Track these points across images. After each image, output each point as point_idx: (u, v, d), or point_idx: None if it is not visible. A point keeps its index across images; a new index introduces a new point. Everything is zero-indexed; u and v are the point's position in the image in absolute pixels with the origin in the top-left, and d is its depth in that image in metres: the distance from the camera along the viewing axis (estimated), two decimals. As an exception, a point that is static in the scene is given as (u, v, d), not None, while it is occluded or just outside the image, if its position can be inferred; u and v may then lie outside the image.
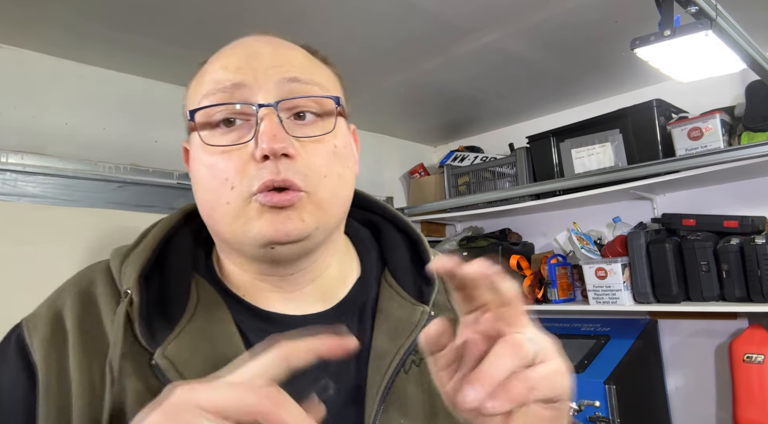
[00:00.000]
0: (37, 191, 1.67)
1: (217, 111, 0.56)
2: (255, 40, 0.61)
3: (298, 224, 0.55)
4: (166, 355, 0.54)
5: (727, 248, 1.73)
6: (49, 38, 1.65)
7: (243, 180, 0.54)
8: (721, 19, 1.14)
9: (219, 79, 0.57)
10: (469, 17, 1.60)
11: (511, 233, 2.60)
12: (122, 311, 0.55)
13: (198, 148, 0.58)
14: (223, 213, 0.56)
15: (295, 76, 0.57)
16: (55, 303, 0.59)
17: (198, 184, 0.59)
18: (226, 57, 0.60)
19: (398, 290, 0.65)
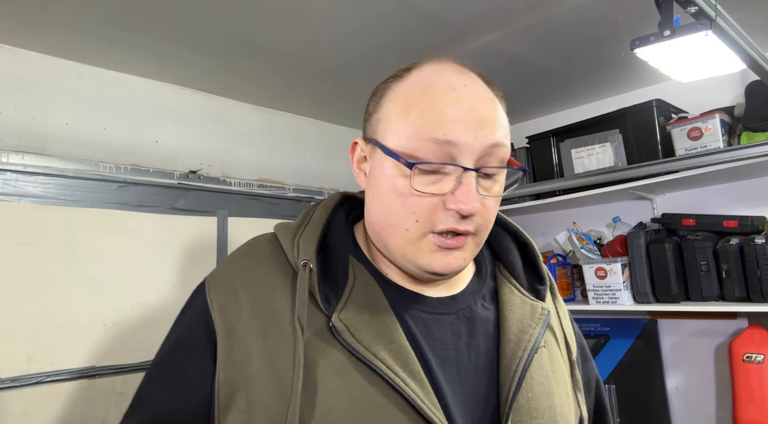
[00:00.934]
0: (37, 191, 1.67)
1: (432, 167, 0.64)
2: (463, 86, 0.66)
3: (461, 262, 0.67)
4: (341, 319, 0.64)
5: (726, 248, 1.74)
6: (49, 38, 1.65)
7: (427, 220, 0.64)
8: (721, 20, 1.14)
9: (434, 129, 0.63)
10: (469, 17, 1.60)
11: (511, 233, 2.60)
12: (305, 279, 0.66)
13: (389, 172, 0.66)
14: (398, 235, 0.67)
15: (497, 141, 0.65)
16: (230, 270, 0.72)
17: (382, 199, 0.68)
18: (441, 103, 0.64)
19: (516, 286, 0.78)
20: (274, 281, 0.69)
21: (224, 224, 2.14)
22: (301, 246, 0.69)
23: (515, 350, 0.69)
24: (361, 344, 0.63)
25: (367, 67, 1.94)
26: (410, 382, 0.61)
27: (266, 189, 2.27)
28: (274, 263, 0.71)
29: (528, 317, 0.73)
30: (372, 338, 0.64)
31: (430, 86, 0.66)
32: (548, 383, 0.71)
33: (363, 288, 0.69)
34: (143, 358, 1.82)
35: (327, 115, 2.45)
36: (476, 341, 0.70)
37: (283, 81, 2.07)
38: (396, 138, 0.65)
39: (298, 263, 0.68)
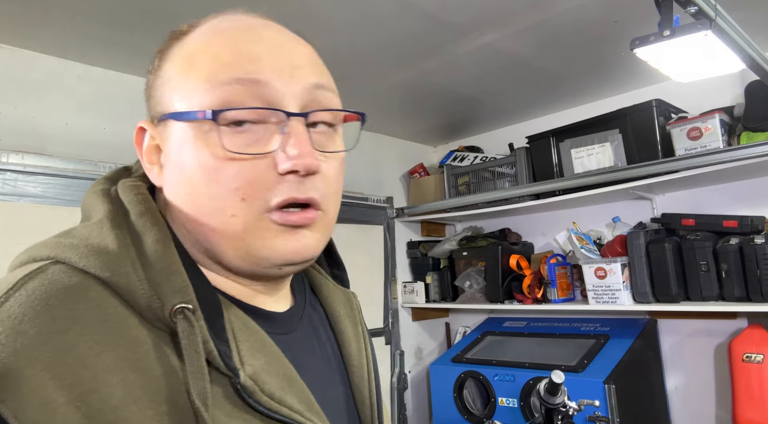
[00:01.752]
0: (37, 191, 1.67)
1: (245, 113, 0.48)
2: (264, 26, 0.54)
3: (313, 243, 0.52)
4: (249, 375, 0.48)
5: (726, 248, 1.74)
6: (49, 38, 1.65)
7: (257, 194, 0.48)
8: (721, 20, 1.15)
9: (233, 66, 0.49)
10: (469, 17, 1.60)
11: (511, 233, 2.60)
12: (198, 333, 0.45)
13: (189, 145, 0.49)
14: (224, 225, 0.49)
15: (320, 82, 0.53)
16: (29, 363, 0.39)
17: (184, 185, 0.50)
18: (238, 39, 0.51)
19: (325, 276, 0.69)
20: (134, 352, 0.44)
21: (224, 224, 2.13)
22: (164, 283, 0.46)
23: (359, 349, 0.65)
24: (274, 399, 0.48)
25: (367, 67, 1.94)
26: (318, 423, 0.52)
27: (266, 189, 2.27)
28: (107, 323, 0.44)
29: (349, 309, 0.68)
30: (279, 388, 0.49)
31: (219, 31, 0.52)
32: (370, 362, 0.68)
33: (240, 324, 0.51)
34: (143, 358, 1.82)
35: (327, 115, 2.45)
36: (324, 349, 0.62)
37: (283, 81, 2.07)
38: (187, 97, 0.49)
39: (167, 308, 0.45)
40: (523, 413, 1.93)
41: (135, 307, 0.46)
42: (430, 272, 2.68)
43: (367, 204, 2.59)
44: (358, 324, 0.67)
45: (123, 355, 0.43)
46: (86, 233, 0.49)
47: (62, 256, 0.47)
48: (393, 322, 2.65)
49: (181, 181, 0.51)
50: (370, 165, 2.73)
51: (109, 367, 0.42)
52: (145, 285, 0.46)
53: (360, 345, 0.65)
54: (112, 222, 0.50)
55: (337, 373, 0.62)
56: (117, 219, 0.50)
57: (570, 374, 1.81)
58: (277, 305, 0.59)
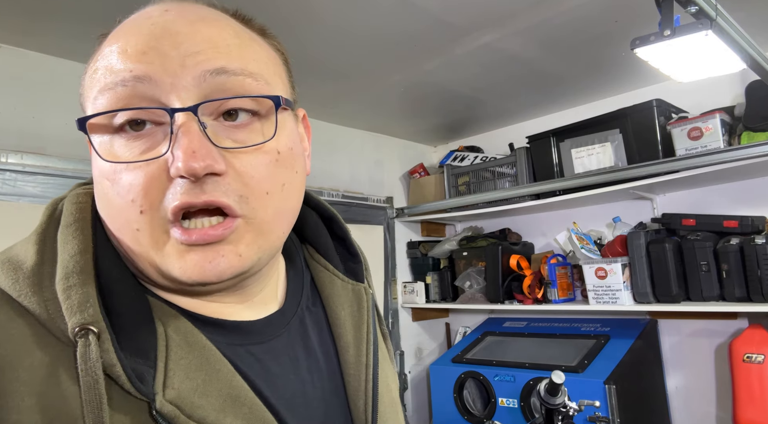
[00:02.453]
0: (37, 191, 1.67)
1: (117, 114, 0.44)
2: (164, 10, 0.47)
3: (234, 261, 0.45)
4: (169, 400, 0.42)
5: (726, 248, 1.74)
6: (49, 38, 1.65)
7: (153, 204, 0.43)
8: (721, 19, 1.14)
9: (117, 68, 0.44)
10: (469, 17, 1.60)
11: (511, 233, 2.60)
12: (94, 357, 0.40)
13: (95, 156, 0.45)
14: (132, 240, 0.45)
15: (222, 65, 0.45)
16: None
17: (99, 196, 0.47)
18: (126, 35, 0.46)
19: (334, 272, 0.63)
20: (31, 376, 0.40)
21: (224, 224, 2.13)
22: (65, 302, 0.42)
23: (358, 357, 0.57)
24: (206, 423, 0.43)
25: (367, 66, 1.94)
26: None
27: (266, 189, 2.27)
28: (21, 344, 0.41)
29: (356, 309, 0.60)
30: (218, 410, 0.44)
31: (118, 31, 0.48)
32: (387, 376, 0.62)
33: (181, 339, 0.46)
34: (143, 358, 1.82)
35: (327, 115, 2.45)
36: (314, 359, 0.56)
37: (283, 81, 2.07)
38: (87, 108, 0.46)
39: (69, 329, 0.41)
40: (524, 414, 1.93)
41: (45, 326, 0.42)
42: (430, 272, 2.68)
43: (367, 204, 2.59)
44: (363, 326, 0.60)
45: (23, 378, 0.40)
46: (17, 248, 0.47)
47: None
48: (393, 322, 2.65)
49: (96, 194, 0.47)
50: (370, 165, 2.73)
51: (9, 390, 0.39)
52: (51, 305, 0.42)
53: (360, 351, 0.58)
54: (38, 235, 0.47)
55: (329, 382, 0.56)
56: (46, 232, 0.47)
57: (570, 374, 1.80)
58: (250, 313, 0.53)
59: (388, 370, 0.65)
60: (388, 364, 0.66)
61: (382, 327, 0.67)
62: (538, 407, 1.73)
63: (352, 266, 0.65)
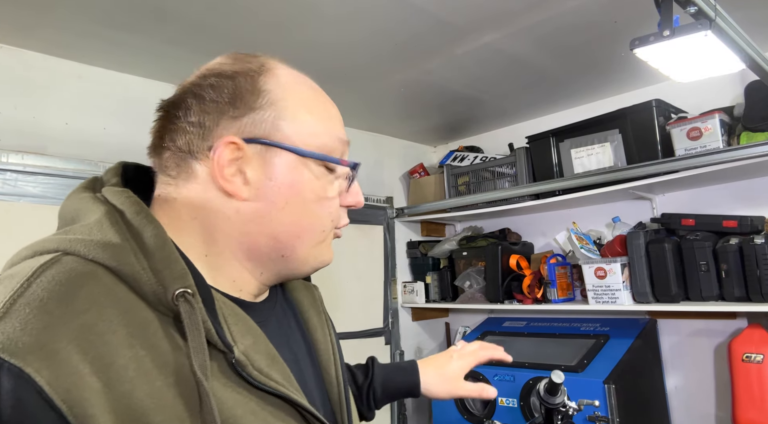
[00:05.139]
0: (37, 191, 1.67)
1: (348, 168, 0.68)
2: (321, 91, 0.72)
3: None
4: (243, 351, 0.56)
5: (726, 248, 1.74)
6: (49, 38, 1.65)
7: (336, 220, 0.68)
8: (721, 20, 1.15)
9: (342, 133, 0.69)
10: (469, 17, 1.60)
11: (511, 233, 2.60)
12: (198, 313, 0.52)
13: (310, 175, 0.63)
14: (313, 237, 0.65)
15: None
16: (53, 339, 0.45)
17: (294, 205, 0.62)
18: (329, 106, 0.70)
19: None
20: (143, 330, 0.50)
21: (224, 224, 2.13)
22: (165, 270, 0.52)
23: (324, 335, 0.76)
24: (263, 373, 0.56)
25: (367, 67, 1.94)
26: (300, 398, 0.60)
27: (266, 189, 2.27)
28: (119, 305, 0.50)
29: (312, 300, 0.79)
30: (266, 365, 0.58)
31: (311, 86, 0.69)
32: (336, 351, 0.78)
33: (228, 310, 0.59)
34: (143, 358, 1.82)
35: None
36: (295, 335, 0.73)
37: (282, 81, 2.07)
38: (309, 139, 0.62)
39: (168, 293, 0.51)
40: (523, 413, 1.93)
41: (140, 293, 0.52)
42: (430, 272, 2.68)
43: (367, 204, 2.60)
44: (321, 313, 0.79)
45: (134, 333, 0.50)
46: (86, 231, 0.54)
47: (71, 249, 0.52)
48: (393, 322, 2.65)
49: (295, 202, 0.62)
50: (370, 165, 2.73)
51: (123, 343, 0.48)
52: (149, 273, 0.52)
53: (324, 331, 0.76)
54: (110, 220, 0.55)
55: (307, 356, 0.72)
56: (114, 218, 0.55)
57: (570, 374, 1.81)
58: (256, 299, 0.69)
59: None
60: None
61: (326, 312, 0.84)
62: (537, 406, 1.73)
63: None
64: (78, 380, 0.44)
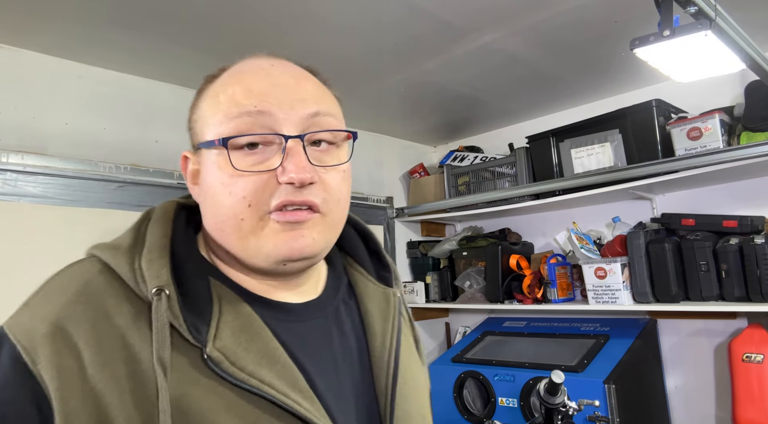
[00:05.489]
0: (37, 191, 1.67)
1: (250, 138, 0.60)
2: (271, 65, 0.66)
3: (310, 242, 0.61)
4: (218, 348, 0.57)
5: (726, 248, 1.74)
6: (49, 38, 1.65)
7: (261, 200, 0.59)
8: (721, 20, 1.15)
9: (243, 103, 0.61)
10: (469, 17, 1.60)
11: (511, 233, 2.60)
12: (162, 309, 0.56)
13: (213, 166, 0.62)
14: (235, 228, 0.61)
15: (317, 110, 0.63)
16: (52, 316, 0.55)
17: (212, 198, 0.62)
18: (249, 80, 0.63)
19: (368, 277, 0.77)
20: (119, 321, 0.56)
21: (224, 224, 2.13)
22: (147, 270, 0.58)
23: (383, 342, 0.71)
24: (245, 371, 0.57)
25: (367, 67, 1.94)
26: (302, 401, 0.58)
27: (266, 189, 2.27)
28: (115, 298, 0.58)
29: (384, 306, 0.74)
30: (255, 363, 0.58)
31: (238, 72, 0.65)
32: (410, 362, 0.75)
33: (231, 308, 0.61)
34: (143, 358, 1.82)
35: (327, 115, 2.45)
36: (347, 340, 0.70)
37: (283, 81, 2.07)
38: (212, 129, 0.62)
39: (148, 291, 0.57)
40: (523, 413, 1.93)
41: (133, 290, 0.59)
42: (430, 272, 2.68)
43: (367, 204, 2.60)
44: (389, 320, 0.73)
45: (118, 323, 0.56)
46: (119, 238, 0.65)
47: (97, 253, 0.62)
48: (393, 322, 2.65)
49: (208, 195, 0.63)
50: (370, 165, 2.73)
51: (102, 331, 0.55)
52: (137, 273, 0.59)
53: (385, 340, 0.71)
54: (134, 228, 0.65)
55: (358, 362, 0.69)
56: (140, 225, 0.65)
57: (570, 374, 1.81)
58: (296, 298, 0.68)
59: (416, 368, 0.76)
60: (417, 363, 0.78)
61: (415, 333, 0.81)
62: (537, 406, 1.73)
63: (383, 274, 0.79)
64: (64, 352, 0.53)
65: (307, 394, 0.59)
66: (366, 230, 0.81)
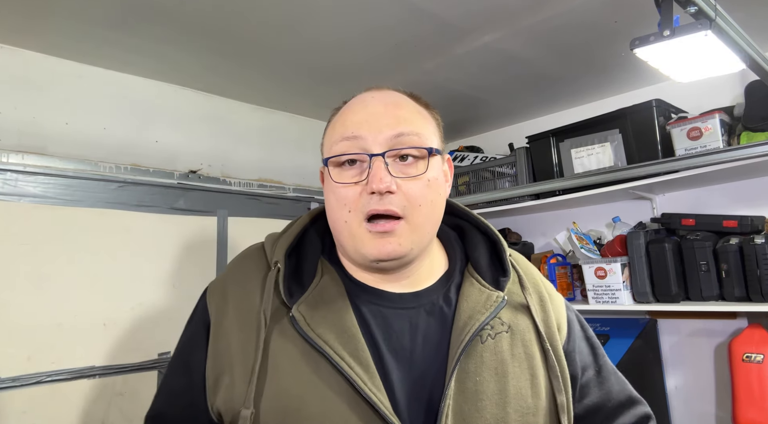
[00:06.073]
0: (37, 191, 1.67)
1: (345, 157, 0.76)
2: (372, 97, 0.82)
3: (396, 247, 0.75)
4: (300, 310, 0.75)
5: (726, 248, 1.74)
6: (49, 38, 1.65)
7: (356, 205, 0.75)
8: (721, 20, 1.15)
9: (344, 131, 0.78)
10: (469, 17, 1.60)
11: (511, 233, 2.60)
12: (272, 277, 0.78)
13: (327, 179, 0.79)
14: (342, 228, 0.77)
15: (401, 131, 0.76)
16: (225, 276, 0.84)
17: (328, 204, 0.80)
18: (353, 113, 0.80)
19: (478, 279, 0.84)
20: (255, 281, 0.80)
21: (224, 224, 2.14)
22: (276, 250, 0.81)
23: (458, 336, 0.76)
24: (315, 332, 0.73)
25: (367, 67, 1.94)
26: (356, 367, 0.70)
27: (266, 189, 2.27)
28: (257, 267, 0.82)
29: (480, 304, 0.79)
30: (326, 328, 0.73)
31: (347, 106, 0.82)
32: (503, 366, 0.76)
33: (328, 285, 0.79)
34: (143, 358, 1.82)
35: (327, 115, 2.45)
36: (433, 332, 0.78)
37: (283, 81, 2.07)
38: (326, 150, 0.80)
39: (272, 263, 0.80)
40: (523, 413, 1.93)
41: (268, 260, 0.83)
42: (430, 271, 2.67)
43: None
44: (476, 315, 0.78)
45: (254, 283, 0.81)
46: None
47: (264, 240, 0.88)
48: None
49: (326, 201, 0.81)
50: (370, 165, 2.73)
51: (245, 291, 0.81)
52: (270, 254, 0.82)
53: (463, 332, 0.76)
54: (287, 226, 0.87)
55: (434, 354, 0.76)
56: (293, 220, 0.89)
57: (570, 374, 1.80)
58: (397, 288, 0.81)
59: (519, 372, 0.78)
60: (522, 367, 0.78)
61: (544, 344, 0.81)
62: (537, 406, 1.73)
63: (500, 279, 0.84)
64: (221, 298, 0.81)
65: (365, 363, 0.71)
66: (494, 237, 0.89)
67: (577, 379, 0.86)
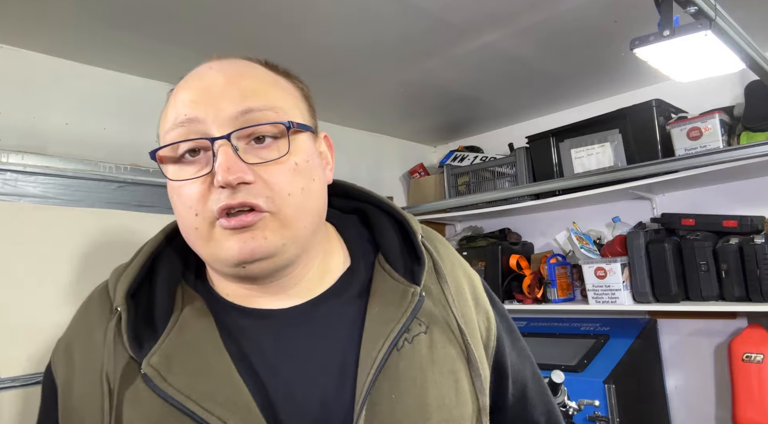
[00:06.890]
0: (37, 191, 1.67)
1: (180, 146, 0.60)
2: (209, 68, 0.63)
3: (261, 242, 0.58)
4: (151, 364, 0.58)
5: (726, 248, 1.74)
6: (49, 38, 1.65)
7: (204, 206, 0.58)
8: (720, 20, 1.15)
9: (176, 114, 0.60)
10: (469, 17, 1.60)
11: (511, 233, 2.60)
12: (112, 328, 0.61)
13: (169, 181, 0.62)
14: (195, 237, 0.61)
15: (248, 106, 0.59)
16: (68, 329, 0.69)
17: (175, 210, 0.63)
18: (183, 91, 0.62)
19: (390, 273, 0.68)
20: (100, 333, 0.63)
21: (224, 224, 2.13)
22: (117, 289, 0.63)
23: (370, 351, 0.61)
24: (173, 386, 0.57)
25: (366, 67, 1.94)
26: (229, 417, 0.56)
27: (266, 189, 2.27)
28: (102, 312, 0.65)
29: (395, 306, 0.64)
30: (188, 378, 0.58)
31: (181, 83, 0.64)
32: (422, 375, 0.62)
33: (189, 320, 0.63)
34: (143, 358, 1.82)
35: (326, 115, 2.45)
36: (334, 347, 0.62)
37: (283, 81, 2.07)
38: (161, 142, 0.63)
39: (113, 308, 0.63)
40: (523, 413, 1.93)
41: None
42: (430, 272, 2.67)
43: (367, 204, 2.59)
44: (391, 323, 0.63)
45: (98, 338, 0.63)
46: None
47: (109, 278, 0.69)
48: (393, 322, 2.65)
49: (174, 209, 0.63)
50: (370, 165, 2.73)
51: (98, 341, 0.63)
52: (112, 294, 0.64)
53: (375, 345, 0.61)
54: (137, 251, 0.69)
55: (338, 371, 0.61)
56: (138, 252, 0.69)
57: (570, 373, 1.81)
58: (280, 303, 0.65)
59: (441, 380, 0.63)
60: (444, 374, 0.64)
61: (465, 338, 0.66)
62: (537, 406, 1.73)
63: (415, 268, 0.69)
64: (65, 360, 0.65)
65: (244, 411, 0.56)
66: (401, 217, 0.73)
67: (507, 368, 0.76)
